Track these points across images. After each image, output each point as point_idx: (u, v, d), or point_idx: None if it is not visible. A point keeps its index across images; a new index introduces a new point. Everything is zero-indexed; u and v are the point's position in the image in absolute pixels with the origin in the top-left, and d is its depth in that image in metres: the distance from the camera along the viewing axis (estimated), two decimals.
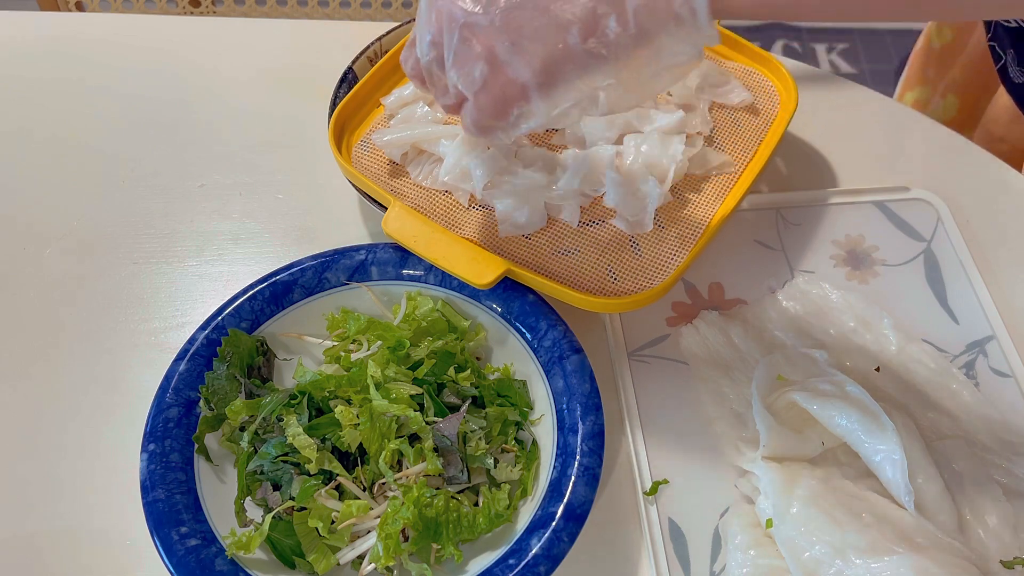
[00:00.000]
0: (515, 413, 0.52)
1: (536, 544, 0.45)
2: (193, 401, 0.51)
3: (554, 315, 0.53)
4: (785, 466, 0.50)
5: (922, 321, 0.59)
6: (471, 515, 0.48)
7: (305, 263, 0.55)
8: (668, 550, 0.50)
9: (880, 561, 0.44)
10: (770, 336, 0.58)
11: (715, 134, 0.61)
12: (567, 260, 0.54)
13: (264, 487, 0.50)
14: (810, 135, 0.70)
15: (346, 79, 0.65)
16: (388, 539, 0.46)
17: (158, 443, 0.49)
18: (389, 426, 0.49)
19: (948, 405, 0.55)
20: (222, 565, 0.46)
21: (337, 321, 0.55)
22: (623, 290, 0.53)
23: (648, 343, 0.58)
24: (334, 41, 0.77)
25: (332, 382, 0.51)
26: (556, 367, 0.51)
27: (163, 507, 0.46)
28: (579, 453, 0.48)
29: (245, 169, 0.70)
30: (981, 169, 0.65)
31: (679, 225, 0.56)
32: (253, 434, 0.50)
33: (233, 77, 0.76)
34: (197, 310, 0.61)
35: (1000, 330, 0.58)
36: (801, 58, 1.56)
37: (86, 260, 0.64)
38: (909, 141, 0.70)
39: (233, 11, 1.07)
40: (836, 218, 0.64)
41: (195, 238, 0.66)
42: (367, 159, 0.59)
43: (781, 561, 0.47)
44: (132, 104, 0.74)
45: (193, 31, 0.81)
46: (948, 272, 0.61)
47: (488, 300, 0.54)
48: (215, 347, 0.52)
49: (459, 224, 0.56)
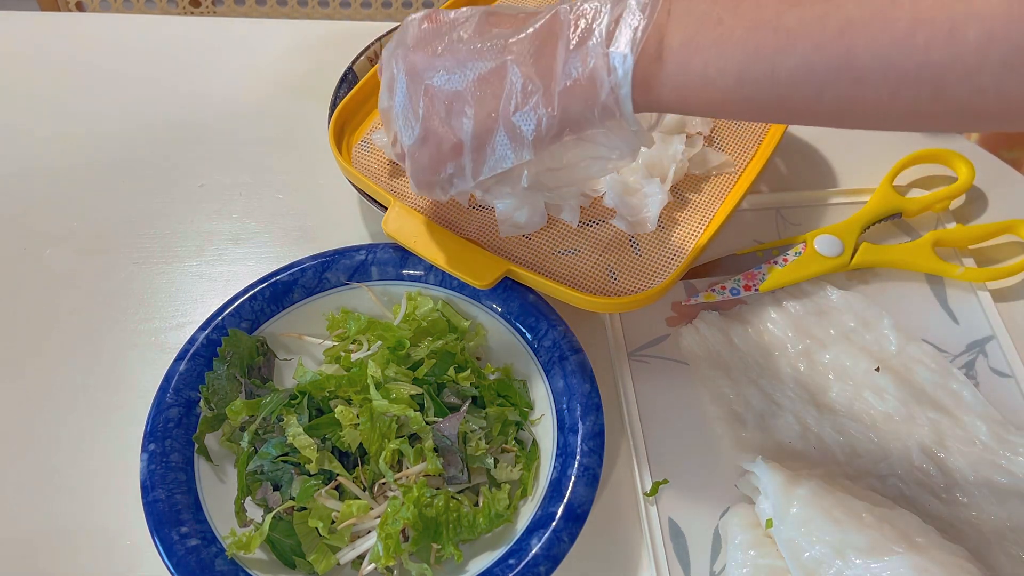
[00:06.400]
0: (515, 413, 0.52)
1: (536, 544, 0.45)
2: (193, 401, 0.51)
3: (554, 315, 0.53)
4: (785, 466, 0.50)
5: (922, 321, 0.59)
6: (471, 515, 0.48)
7: (305, 263, 0.55)
8: (668, 550, 0.50)
9: (880, 561, 0.44)
10: (770, 336, 0.58)
11: (715, 134, 0.61)
12: (567, 260, 0.54)
13: (264, 487, 0.50)
14: (810, 135, 0.70)
15: (346, 79, 0.65)
16: (388, 539, 0.46)
17: (158, 443, 0.49)
18: (389, 426, 0.49)
19: (948, 405, 0.55)
20: (222, 565, 0.46)
21: (337, 321, 0.55)
22: (623, 290, 0.53)
23: (648, 343, 0.58)
24: (334, 41, 0.77)
25: (332, 382, 0.51)
26: (556, 367, 0.51)
27: (163, 507, 0.46)
28: (579, 453, 0.48)
29: (245, 169, 0.70)
30: (980, 168, 0.64)
31: (679, 225, 0.56)
32: (253, 434, 0.50)
33: (233, 77, 0.76)
34: (197, 310, 0.61)
35: (1000, 330, 0.58)
36: None
37: (86, 260, 0.64)
38: (909, 141, 0.70)
39: (233, 11, 1.07)
40: (836, 218, 0.64)
41: (195, 238, 0.66)
42: (367, 159, 0.59)
43: (781, 561, 0.47)
44: (132, 104, 0.74)
45: (193, 31, 0.81)
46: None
47: (488, 300, 0.54)
48: (215, 347, 0.52)
49: (459, 224, 0.56)
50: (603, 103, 0.39)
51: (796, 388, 0.55)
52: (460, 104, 0.42)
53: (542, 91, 0.40)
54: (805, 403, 0.54)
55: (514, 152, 0.42)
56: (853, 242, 0.61)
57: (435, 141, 0.44)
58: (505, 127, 0.42)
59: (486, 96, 0.42)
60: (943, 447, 0.52)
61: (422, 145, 0.44)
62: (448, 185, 0.46)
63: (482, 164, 0.44)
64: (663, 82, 0.38)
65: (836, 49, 0.35)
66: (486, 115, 0.42)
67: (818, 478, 0.49)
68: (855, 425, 0.53)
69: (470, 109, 0.42)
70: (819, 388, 0.55)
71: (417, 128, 0.44)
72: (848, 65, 0.35)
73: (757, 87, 0.37)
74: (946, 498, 0.51)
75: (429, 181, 0.46)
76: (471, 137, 0.43)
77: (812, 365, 0.56)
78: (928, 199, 0.64)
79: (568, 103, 0.40)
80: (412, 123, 0.44)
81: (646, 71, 0.38)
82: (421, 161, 0.45)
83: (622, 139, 0.43)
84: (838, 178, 0.68)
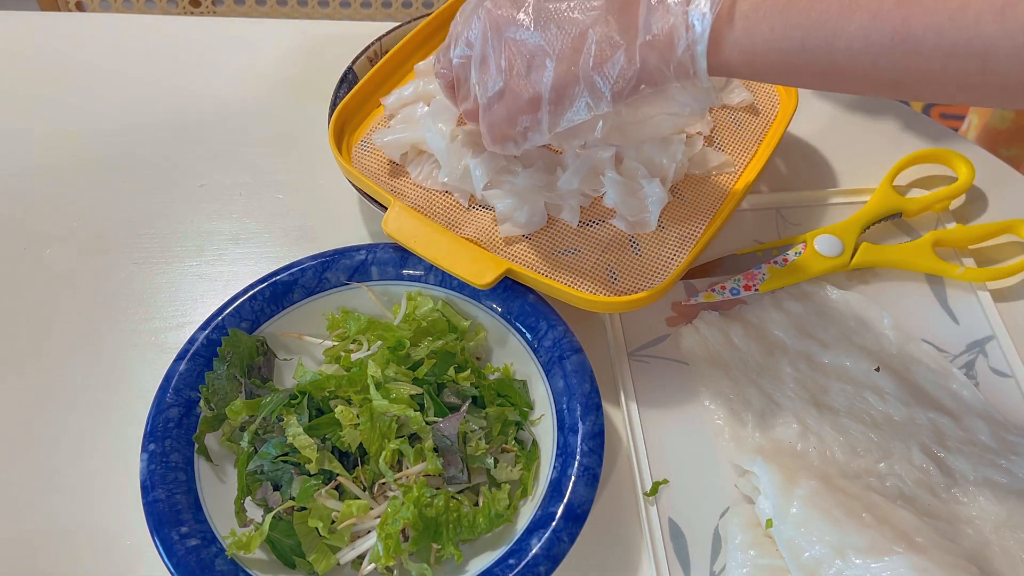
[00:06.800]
0: (515, 413, 0.52)
1: (536, 544, 0.45)
2: (193, 401, 0.51)
3: (554, 315, 0.53)
4: (785, 466, 0.50)
5: (922, 321, 0.59)
6: (471, 515, 0.48)
7: (305, 263, 0.55)
8: (668, 550, 0.50)
9: (880, 561, 0.44)
10: (770, 336, 0.58)
11: (715, 134, 0.61)
12: (567, 260, 0.54)
13: (264, 487, 0.50)
14: (810, 135, 0.70)
15: (346, 79, 0.65)
16: (388, 539, 0.46)
17: (158, 443, 0.49)
18: (389, 426, 0.49)
19: (948, 405, 0.55)
20: (222, 565, 0.46)
21: (337, 321, 0.55)
22: (623, 290, 0.53)
23: (648, 343, 0.58)
24: (334, 41, 0.77)
25: (332, 382, 0.51)
26: (556, 367, 0.51)
27: (163, 507, 0.46)
28: (579, 453, 0.48)
29: (245, 169, 0.70)
30: (980, 168, 0.64)
31: (679, 225, 0.56)
32: (253, 434, 0.50)
33: (233, 77, 0.76)
34: (197, 310, 0.61)
35: (1000, 330, 0.58)
36: None
37: (86, 260, 0.64)
38: (909, 141, 0.70)
39: (233, 11, 1.07)
40: (836, 218, 0.64)
41: (195, 238, 0.66)
42: (367, 159, 0.59)
43: (781, 561, 0.47)
44: (132, 104, 0.74)
45: (193, 31, 0.81)
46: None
47: (488, 300, 0.54)
48: (215, 347, 0.52)
49: (459, 224, 0.56)
50: (679, 59, 0.41)
51: (796, 388, 0.55)
52: (541, 58, 0.44)
53: (624, 47, 0.42)
54: (805, 403, 0.54)
55: (592, 105, 0.44)
56: (853, 242, 0.61)
57: (513, 95, 0.45)
58: (585, 81, 0.43)
59: (567, 51, 0.43)
60: (943, 447, 0.52)
61: (500, 99, 0.46)
62: (523, 139, 0.47)
63: (559, 117, 0.45)
64: (731, 45, 0.41)
65: (892, 20, 0.37)
66: (566, 69, 0.44)
67: (818, 478, 0.49)
68: (855, 425, 0.53)
69: (551, 63, 0.44)
70: (819, 388, 0.55)
71: (499, 81, 0.45)
72: (903, 36, 0.36)
73: (818, 54, 0.39)
74: (946, 498, 0.51)
75: (505, 134, 0.47)
76: (550, 90, 0.44)
77: (812, 365, 0.56)
78: (928, 199, 0.64)
79: (646, 57, 0.42)
80: (494, 76, 0.46)
81: (717, 32, 0.41)
82: (499, 115, 0.47)
83: (694, 96, 0.45)
84: (838, 178, 0.68)
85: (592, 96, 0.44)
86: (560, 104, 0.45)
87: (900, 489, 0.51)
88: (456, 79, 0.49)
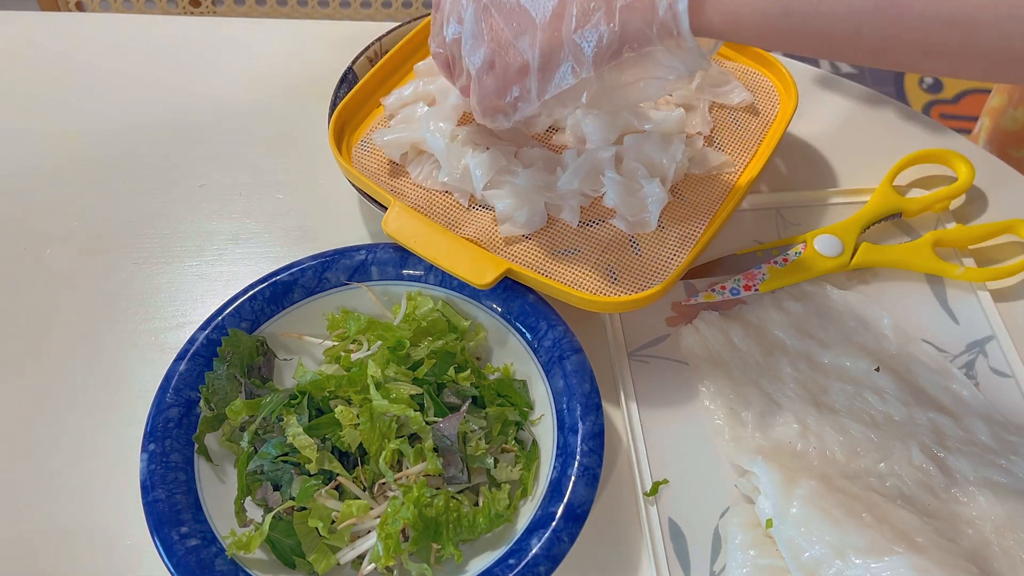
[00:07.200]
0: (515, 413, 0.52)
1: (536, 544, 0.45)
2: (193, 401, 0.51)
3: (554, 315, 0.53)
4: (785, 466, 0.50)
5: (922, 321, 0.59)
6: (471, 515, 0.48)
7: (305, 263, 0.55)
8: (668, 550, 0.50)
9: (880, 561, 0.44)
10: (770, 336, 0.58)
11: (715, 134, 0.61)
12: (567, 260, 0.54)
13: (264, 487, 0.50)
14: (810, 135, 0.70)
15: (346, 79, 0.65)
16: (388, 539, 0.46)
17: (158, 443, 0.49)
18: (389, 426, 0.49)
19: (948, 405, 0.55)
20: (222, 565, 0.46)
21: (337, 321, 0.55)
22: (623, 290, 0.53)
23: (648, 343, 0.58)
24: (334, 41, 0.77)
25: (332, 382, 0.51)
26: (556, 367, 0.51)
27: (163, 507, 0.46)
28: (579, 453, 0.48)
29: (245, 169, 0.70)
30: (980, 168, 0.64)
31: (679, 225, 0.56)
32: (253, 434, 0.50)
33: (233, 77, 0.76)
34: (197, 310, 0.61)
35: (1000, 330, 0.58)
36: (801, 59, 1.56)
37: (86, 260, 0.64)
38: (909, 141, 0.70)
39: (233, 11, 1.07)
40: (836, 218, 0.64)
41: (195, 238, 0.66)
42: (367, 159, 0.59)
43: (781, 561, 0.47)
44: (132, 104, 0.74)
45: (193, 31, 0.81)
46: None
47: (488, 300, 0.54)
48: (215, 347, 0.52)
49: (459, 224, 0.56)
50: (661, 20, 0.41)
51: (796, 388, 0.55)
52: (526, 25, 0.44)
53: (604, 9, 0.42)
54: (805, 403, 0.54)
55: (575, 69, 0.44)
56: (853, 242, 0.61)
57: (502, 64, 0.46)
58: (567, 44, 0.43)
59: (552, 17, 0.43)
60: (943, 447, 0.52)
61: (489, 70, 0.46)
62: (512, 109, 0.48)
63: (547, 84, 0.45)
64: (714, 6, 0.40)
65: None
66: (550, 35, 0.44)
67: (818, 478, 0.49)
68: (855, 425, 0.53)
69: (534, 29, 0.44)
70: (819, 388, 0.55)
71: (488, 52, 0.46)
72: (887, 3, 0.37)
73: (802, 19, 0.39)
74: (946, 498, 0.51)
75: (495, 106, 0.48)
76: (537, 56, 0.44)
77: (812, 365, 0.56)
78: (928, 199, 0.64)
79: (627, 19, 0.42)
80: (483, 47, 0.46)
81: None
82: (489, 86, 0.47)
83: (680, 59, 0.44)
84: (838, 178, 0.68)
85: (575, 60, 0.44)
86: (547, 71, 0.45)
87: (900, 489, 0.51)
88: (451, 56, 0.50)
